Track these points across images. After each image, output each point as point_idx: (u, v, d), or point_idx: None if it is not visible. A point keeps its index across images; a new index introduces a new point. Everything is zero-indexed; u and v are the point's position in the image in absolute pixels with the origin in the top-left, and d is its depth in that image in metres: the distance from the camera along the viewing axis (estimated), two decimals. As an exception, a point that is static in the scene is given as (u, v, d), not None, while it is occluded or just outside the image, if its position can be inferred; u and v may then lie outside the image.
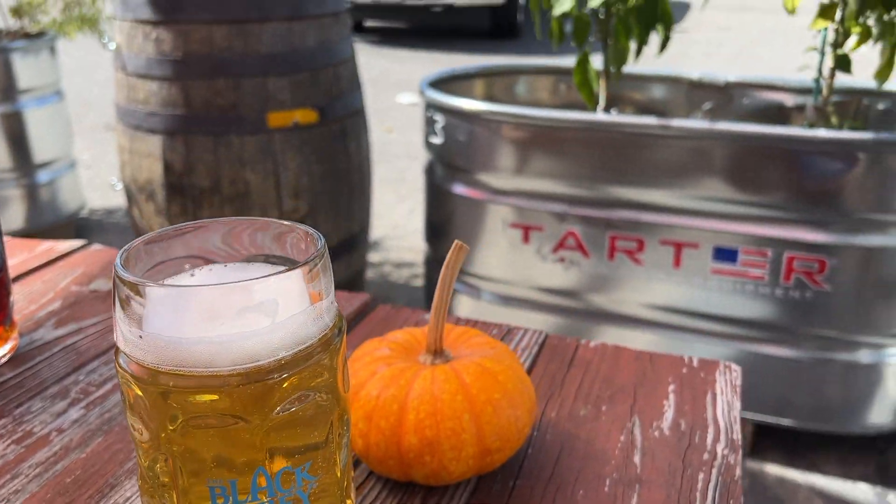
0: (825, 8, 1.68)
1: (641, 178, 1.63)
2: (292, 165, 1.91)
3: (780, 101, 2.01)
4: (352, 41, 2.08)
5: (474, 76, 2.14)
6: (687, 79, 2.09)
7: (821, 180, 1.51)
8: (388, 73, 5.95)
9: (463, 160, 1.79)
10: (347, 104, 2.01)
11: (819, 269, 1.55)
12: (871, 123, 1.96)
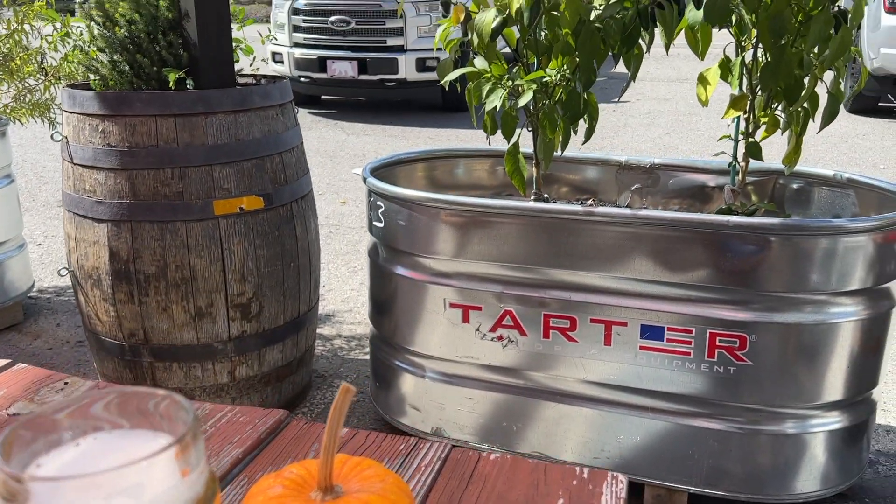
0: (736, 99, 1.78)
1: (571, 260, 1.68)
2: (238, 250, 1.93)
3: (703, 182, 2.10)
4: (299, 129, 2.12)
5: (416, 161, 2.20)
6: (615, 161, 2.17)
7: (737, 262, 1.58)
8: (345, 145, 6.03)
9: (404, 243, 1.82)
10: (294, 189, 2.04)
11: (740, 346, 1.61)
12: (786, 202, 2.06)
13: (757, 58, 1.72)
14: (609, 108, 7.37)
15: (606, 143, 5.98)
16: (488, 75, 1.67)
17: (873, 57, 6.41)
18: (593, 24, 1.63)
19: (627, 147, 5.87)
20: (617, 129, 6.53)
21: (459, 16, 1.72)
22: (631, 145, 5.93)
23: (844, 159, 5.46)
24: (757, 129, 1.80)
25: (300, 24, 6.94)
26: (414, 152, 2.20)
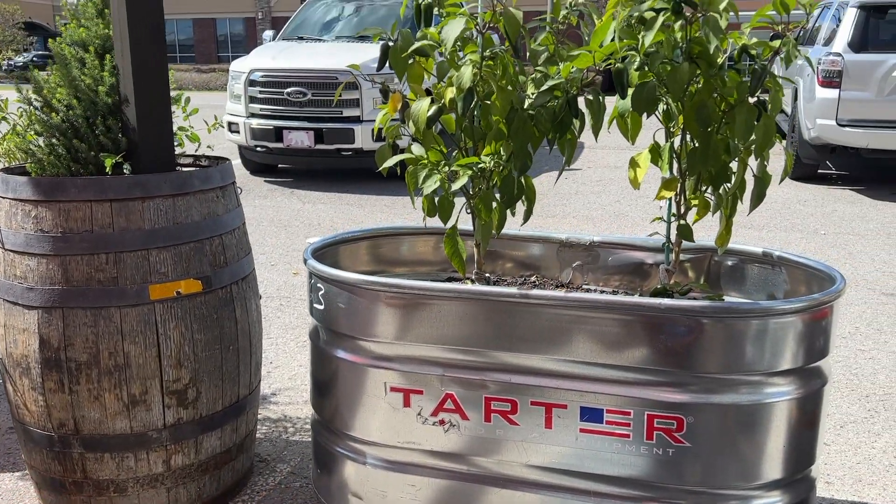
0: (667, 182, 1.83)
1: (511, 342, 1.68)
2: (175, 335, 1.88)
3: (641, 259, 2.13)
4: (240, 211, 2.11)
5: (361, 239, 2.20)
6: (556, 239, 2.20)
7: (671, 344, 1.59)
8: (300, 214, 6.02)
9: (344, 326, 1.80)
10: (234, 271, 2.01)
11: (678, 427, 1.61)
12: (722, 278, 2.10)
13: (685, 143, 1.77)
14: (562, 176, 7.51)
15: (559, 210, 6.08)
16: (425, 161, 1.69)
17: (810, 127, 6.69)
18: (525, 112, 1.67)
19: (579, 214, 5.97)
20: (569, 196, 6.64)
21: (396, 104, 1.75)
22: (582, 212, 6.03)
23: (787, 225, 5.62)
24: (689, 210, 1.84)
25: (256, 95, 7.00)
26: (357, 231, 2.20)
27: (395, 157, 1.73)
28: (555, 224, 5.64)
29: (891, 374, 3.08)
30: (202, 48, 32.90)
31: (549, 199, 6.40)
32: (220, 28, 33.12)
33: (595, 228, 5.50)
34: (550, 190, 6.75)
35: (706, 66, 1.61)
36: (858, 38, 6.47)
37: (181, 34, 33.63)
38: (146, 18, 1.84)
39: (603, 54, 1.60)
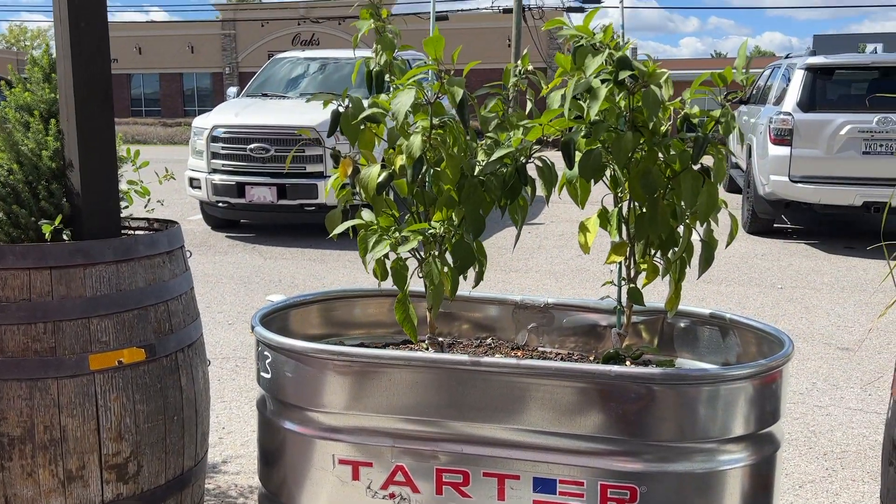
0: (617, 246, 1.84)
1: (462, 411, 1.65)
2: (115, 406, 1.81)
3: (595, 321, 2.13)
4: (189, 275, 2.07)
5: (312, 303, 2.16)
6: (512, 301, 2.19)
7: (622, 412, 1.57)
8: (261, 270, 5.95)
9: (292, 396, 1.76)
10: (180, 338, 1.96)
11: (631, 497, 1.58)
12: (675, 340, 2.10)
13: (633, 209, 1.79)
14: (525, 230, 7.57)
15: (521, 265, 6.11)
16: (375, 227, 1.68)
17: (765, 183, 6.87)
18: (476, 179, 1.68)
19: (542, 269, 6.00)
20: (532, 251, 6.69)
21: (347, 169, 1.75)
22: (545, 267, 6.07)
23: (745, 279, 5.71)
24: (638, 274, 1.85)
25: (219, 151, 6.99)
26: (308, 295, 2.16)
27: (345, 223, 1.72)
28: (517, 279, 5.66)
29: (847, 431, 3.10)
30: (168, 102, 32.94)
31: (511, 254, 6.43)
32: (187, 82, 33.26)
33: (557, 283, 5.53)
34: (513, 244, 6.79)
35: (650, 135, 1.65)
36: (807, 98, 6.72)
37: (147, 88, 33.68)
38: (93, 82, 1.83)
39: (553, 128, 1.62)
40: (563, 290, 5.31)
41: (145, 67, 32.82)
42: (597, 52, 1.57)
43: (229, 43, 32.05)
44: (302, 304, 2.13)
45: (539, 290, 5.34)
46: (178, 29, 33.05)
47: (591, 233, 1.83)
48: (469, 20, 28.85)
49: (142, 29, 33.69)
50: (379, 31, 1.85)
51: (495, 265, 5.98)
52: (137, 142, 23.66)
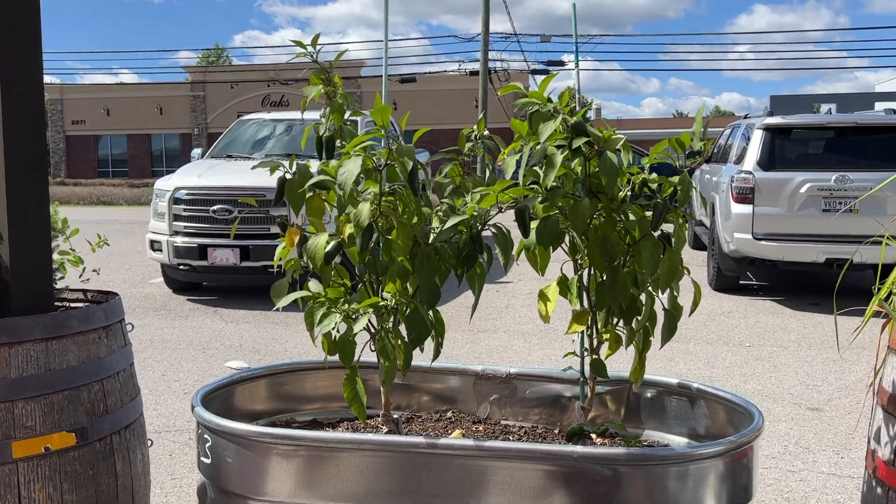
0: (578, 315, 1.78)
1: (418, 499, 1.53)
2: (41, 497, 1.66)
3: (559, 392, 2.05)
4: (129, 350, 1.95)
5: (260, 377, 2.05)
6: (472, 372, 2.10)
7: (588, 496, 1.47)
8: (222, 335, 5.78)
9: (233, 483, 1.63)
10: (116, 419, 1.82)
11: (599, 589, 1.47)
12: (642, 410, 2.02)
13: (593, 276, 1.73)
14: (492, 289, 7.51)
15: (489, 325, 6.02)
16: (322, 299, 1.59)
17: (729, 240, 6.93)
18: (430, 247, 1.61)
19: (510, 328, 5.91)
20: (500, 310, 6.61)
21: (294, 238, 1.67)
22: (514, 326, 5.98)
23: (713, 337, 5.68)
24: (601, 344, 1.78)
25: (181, 213, 6.88)
26: (256, 369, 2.05)
27: (291, 294, 1.63)
28: (485, 339, 5.56)
29: (822, 498, 3.01)
30: (136, 163, 32.81)
31: (479, 313, 6.34)
32: (156, 143, 33.23)
33: (526, 344, 5.44)
34: (481, 303, 6.71)
35: (608, 201, 1.60)
36: (766, 157, 6.85)
37: (115, 149, 33.57)
38: (26, 150, 1.73)
39: (507, 196, 1.57)
40: (531, 351, 5.22)
41: (113, 128, 32.78)
42: (551, 118, 1.53)
43: (198, 104, 32.21)
44: (250, 378, 2.02)
45: (507, 350, 5.25)
46: (147, 90, 33.21)
47: (550, 301, 1.77)
48: (437, 82, 29.40)
49: (110, 91, 33.82)
50: (329, 96, 1.80)
51: (462, 325, 5.88)
52: (102, 203, 23.40)
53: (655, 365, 4.96)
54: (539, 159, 1.57)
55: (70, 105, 33.25)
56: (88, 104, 32.74)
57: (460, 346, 5.32)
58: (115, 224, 15.20)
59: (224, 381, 1.95)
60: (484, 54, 18.94)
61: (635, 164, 1.71)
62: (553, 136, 1.58)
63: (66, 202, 22.73)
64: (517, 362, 4.94)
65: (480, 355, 5.11)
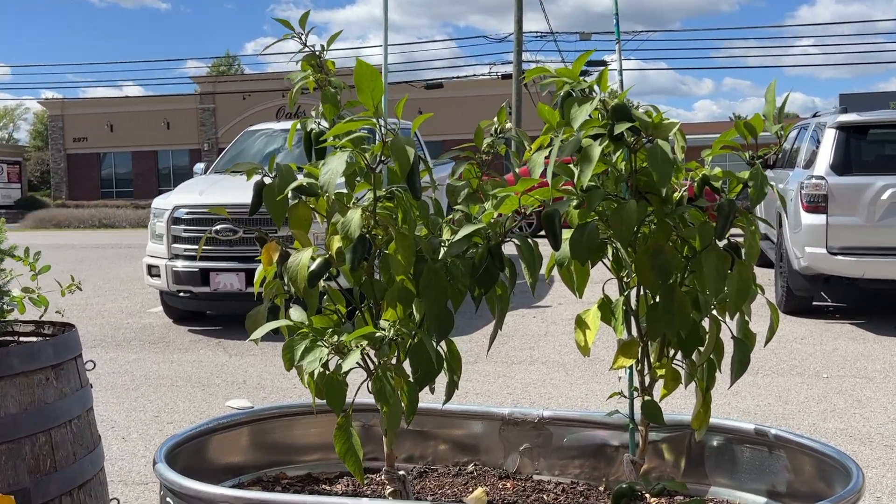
0: (625, 346, 1.59)
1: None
2: (-29, 575, 1.50)
3: (604, 440, 1.85)
4: (86, 393, 1.79)
5: (240, 425, 1.88)
6: (498, 414, 1.92)
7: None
8: (225, 369, 5.67)
9: (201, 557, 1.45)
10: (68, 478, 1.67)
11: None
12: (706, 462, 1.81)
13: (642, 297, 1.54)
14: (529, 314, 7.31)
15: (525, 355, 5.82)
16: (305, 330, 1.42)
17: (799, 256, 6.63)
18: (438, 264, 1.43)
19: (549, 359, 5.70)
20: (537, 338, 6.41)
21: (272, 255, 1.50)
22: (553, 357, 5.77)
23: (785, 367, 5.40)
24: (654, 382, 1.59)
25: (181, 235, 6.81)
26: (236, 415, 1.89)
27: (268, 324, 1.46)
28: (520, 373, 5.36)
29: (928, 563, 2.74)
30: (141, 182, 33.33)
31: (514, 342, 6.15)
32: (163, 160, 33.73)
33: (567, 378, 5.22)
34: (516, 331, 6.52)
35: (659, 203, 1.41)
36: (841, 159, 6.56)
37: (119, 167, 34.16)
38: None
39: (533, 198, 1.39)
40: (573, 387, 5.00)
41: (117, 145, 33.39)
42: (586, 100, 1.35)
43: (208, 118, 32.67)
44: (228, 426, 1.85)
45: (545, 385, 5.04)
46: (154, 104, 33.82)
47: (590, 329, 1.59)
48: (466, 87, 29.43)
49: (114, 105, 34.50)
50: (320, 85, 1.65)
51: (494, 356, 5.69)
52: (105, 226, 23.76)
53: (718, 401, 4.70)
54: (572, 152, 1.40)
55: (72, 121, 33.98)
56: (91, 120, 33.41)
57: (490, 381, 5.14)
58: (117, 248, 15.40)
59: (196, 430, 1.78)
60: (517, 55, 18.87)
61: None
62: (589, 124, 1.41)
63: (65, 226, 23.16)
64: (556, 401, 4.73)
65: (514, 392, 4.91)
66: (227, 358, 5.99)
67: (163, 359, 6.00)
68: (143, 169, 33.65)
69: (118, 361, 5.86)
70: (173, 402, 4.87)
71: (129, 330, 7.04)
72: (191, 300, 6.89)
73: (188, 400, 4.90)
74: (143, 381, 5.34)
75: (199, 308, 7.20)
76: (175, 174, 32.93)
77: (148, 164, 33.67)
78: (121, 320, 7.51)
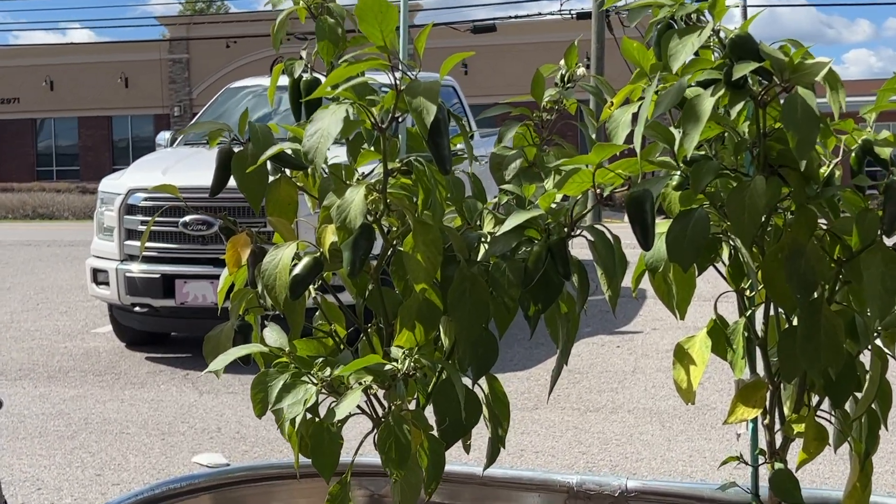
0: (746, 390, 1.56)
1: None
2: None
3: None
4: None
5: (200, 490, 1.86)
6: (562, 484, 1.91)
7: None
8: (193, 411, 5.76)
9: None
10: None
11: None
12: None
13: (773, 319, 1.55)
14: (611, 342, 7.31)
15: (606, 400, 5.82)
16: (285, 360, 1.39)
17: None
18: (474, 267, 1.39)
19: (638, 406, 5.69)
20: (623, 376, 6.40)
21: (241, 252, 1.47)
22: (643, 403, 5.75)
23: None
24: (789, 441, 1.58)
25: (137, 229, 6.89)
26: (195, 476, 1.87)
27: (233, 351, 1.44)
28: (597, 423, 5.35)
29: None
30: (91, 158, 34.05)
31: (588, 381, 6.11)
32: (119, 129, 34.42)
33: (664, 432, 5.19)
34: (592, 366, 6.51)
35: (800, 182, 1.36)
36: None
37: (62, 138, 34.91)
38: None
39: (613, 173, 1.34)
40: (672, 445, 4.97)
41: (59, 109, 34.09)
42: (691, 31, 1.30)
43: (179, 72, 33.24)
44: (182, 492, 1.83)
45: (632, 442, 5.02)
46: (108, 53, 34.49)
47: (696, 365, 1.60)
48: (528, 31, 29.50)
49: (56, 54, 35.20)
50: (314, 14, 1.63)
51: (562, 400, 5.67)
52: (41, 216, 24.38)
53: (880, 469, 4.58)
54: (671, 106, 1.35)
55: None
56: (24, 75, 34.17)
57: (557, 434, 5.14)
58: (56, 246, 15.75)
59: (138, 497, 1.76)
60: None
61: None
62: (697, 66, 1.37)
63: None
64: (647, 465, 4.69)
65: (588, 451, 4.90)
66: (197, 396, 6.06)
67: (110, 396, 6.12)
68: (94, 140, 34.35)
69: (50, 399, 5.98)
70: (122, 455, 4.96)
71: (67, 357, 7.19)
72: (150, 317, 7.01)
73: (142, 453, 4.99)
74: (83, 426, 5.44)
75: (160, 328, 7.31)
76: (135, 147, 33.55)
77: (100, 133, 34.36)
78: (56, 344, 7.67)
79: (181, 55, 33.32)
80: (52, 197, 24.83)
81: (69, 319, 8.78)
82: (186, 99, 33.11)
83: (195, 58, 33.09)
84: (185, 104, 32.97)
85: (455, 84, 9.43)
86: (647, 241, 1.36)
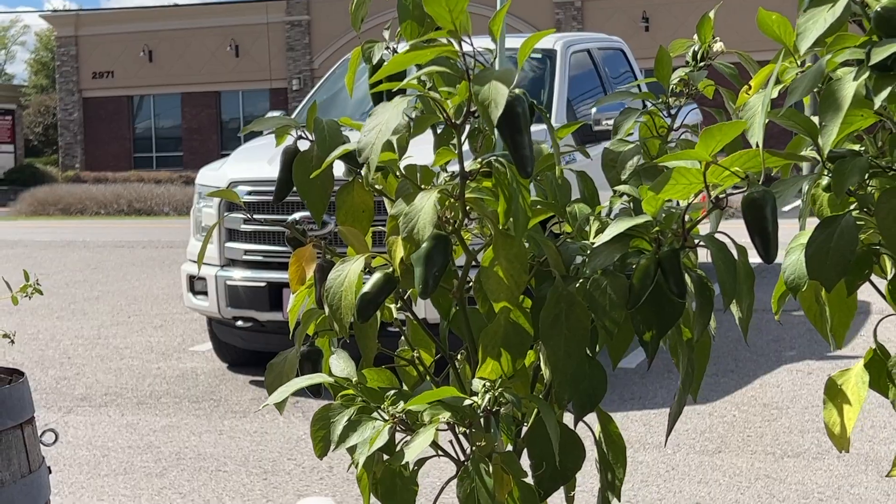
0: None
1: None
2: None
3: None
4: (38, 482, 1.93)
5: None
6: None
7: None
8: (298, 447, 5.93)
9: None
10: None
11: None
12: None
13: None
14: (821, 370, 7.12)
15: (810, 443, 5.72)
16: (351, 392, 1.48)
17: None
18: (570, 285, 1.45)
19: (851, 450, 5.51)
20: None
21: (306, 268, 1.57)
22: (857, 447, 5.62)
23: None
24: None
25: (239, 228, 6.99)
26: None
27: (295, 380, 1.53)
28: (797, 471, 5.29)
29: None
30: (196, 141, 34.88)
31: (789, 418, 6.00)
32: (229, 106, 35.14)
33: (882, 484, 5.06)
34: (795, 399, 6.37)
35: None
36: None
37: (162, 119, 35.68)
38: None
39: (729, 171, 1.38)
40: (893, 498, 4.83)
41: (159, 84, 34.92)
42: (823, 1, 1.33)
43: (299, 37, 33.72)
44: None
45: (840, 497, 4.91)
46: (216, 16, 35.08)
47: (850, 406, 1.57)
48: (727, -24, 28.73)
49: (155, 19, 36.06)
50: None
51: (750, 440, 5.58)
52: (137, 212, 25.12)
53: None
54: (808, 92, 1.38)
55: (91, 46, 35.93)
56: (119, 45, 35.14)
57: (744, 485, 5.11)
58: (152, 248, 16.29)
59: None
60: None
61: None
62: (839, 45, 1.38)
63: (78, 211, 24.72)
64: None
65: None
66: (307, 429, 6.13)
67: (207, 427, 6.28)
68: (199, 121, 35.13)
69: (139, 430, 6.18)
70: (217, 497, 5.11)
71: (160, 380, 7.41)
72: (255, 333, 7.13)
73: (241, 495, 5.13)
74: (175, 462, 5.62)
75: (266, 346, 7.38)
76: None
77: (206, 112, 35.10)
78: (148, 364, 7.91)
79: (301, 16, 33.74)
80: (150, 189, 25.51)
81: (164, 335, 8.99)
82: (307, 69, 33.53)
83: (317, 20, 33.43)
84: (306, 76, 33.41)
85: (624, 46, 9.15)
86: (767, 253, 1.38)
